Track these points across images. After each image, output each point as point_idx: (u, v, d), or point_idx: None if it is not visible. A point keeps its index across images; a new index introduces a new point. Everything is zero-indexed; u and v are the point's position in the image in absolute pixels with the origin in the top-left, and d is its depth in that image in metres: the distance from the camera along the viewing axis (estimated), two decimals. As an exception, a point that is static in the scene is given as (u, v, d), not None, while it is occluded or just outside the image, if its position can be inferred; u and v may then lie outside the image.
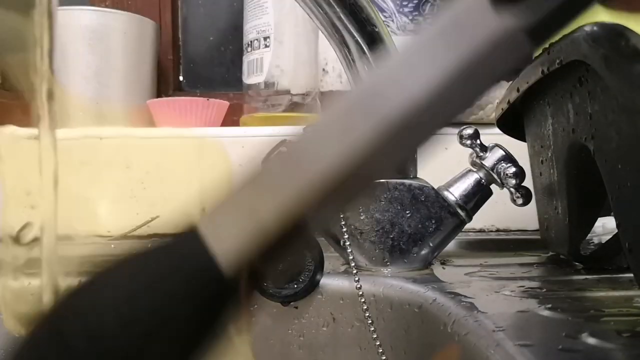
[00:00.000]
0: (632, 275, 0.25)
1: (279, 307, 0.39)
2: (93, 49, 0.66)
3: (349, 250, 0.39)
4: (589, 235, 0.49)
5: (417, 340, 0.35)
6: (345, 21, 0.37)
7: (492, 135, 0.44)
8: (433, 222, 0.39)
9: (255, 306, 0.40)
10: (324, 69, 0.82)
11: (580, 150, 0.30)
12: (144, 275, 0.16)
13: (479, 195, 0.41)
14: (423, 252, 0.40)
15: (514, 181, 0.39)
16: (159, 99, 0.69)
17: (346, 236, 0.39)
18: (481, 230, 0.57)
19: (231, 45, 0.83)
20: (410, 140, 0.16)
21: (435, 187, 0.40)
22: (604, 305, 0.29)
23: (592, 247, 0.44)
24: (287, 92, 0.67)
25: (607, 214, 0.34)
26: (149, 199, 0.57)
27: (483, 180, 0.40)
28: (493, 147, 0.41)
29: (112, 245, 0.50)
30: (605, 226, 0.49)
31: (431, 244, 0.40)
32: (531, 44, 0.15)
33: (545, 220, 0.40)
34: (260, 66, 0.67)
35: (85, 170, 0.57)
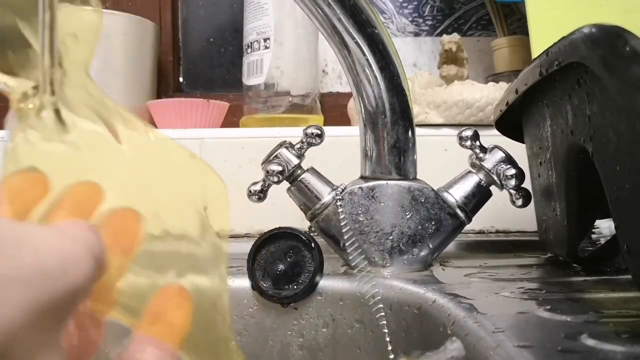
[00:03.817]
0: (630, 276, 0.25)
1: (279, 308, 0.40)
2: (93, 50, 0.66)
3: (349, 252, 0.39)
4: (596, 236, 0.49)
5: (417, 342, 0.35)
6: (345, 22, 0.38)
7: (492, 137, 0.44)
8: (433, 223, 0.40)
9: (255, 307, 0.40)
10: (323, 70, 0.82)
11: (579, 151, 0.30)
12: None
13: (478, 196, 0.41)
14: (423, 253, 0.40)
15: (513, 182, 0.39)
16: (159, 100, 0.69)
17: (346, 237, 0.39)
18: (481, 232, 0.57)
19: (231, 46, 0.83)
20: None
21: (435, 189, 0.40)
22: (603, 306, 0.29)
23: (592, 248, 0.44)
24: (287, 93, 0.67)
25: (606, 216, 0.34)
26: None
27: (483, 182, 0.41)
28: (493, 148, 0.41)
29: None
30: (612, 228, 0.49)
31: (431, 245, 0.40)
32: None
33: (544, 221, 0.40)
34: (260, 67, 0.67)
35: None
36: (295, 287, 0.38)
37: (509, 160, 0.40)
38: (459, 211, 0.40)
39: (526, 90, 0.35)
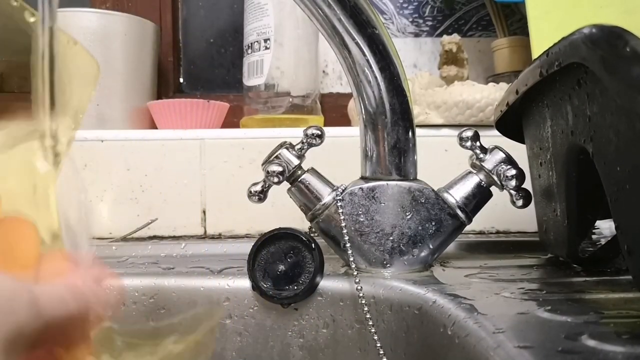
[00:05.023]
0: (630, 277, 0.25)
1: (279, 309, 0.40)
2: (93, 50, 0.66)
3: (349, 252, 0.39)
4: (596, 236, 0.49)
5: (417, 342, 0.35)
6: (346, 23, 0.38)
7: (492, 137, 0.44)
8: (433, 224, 0.40)
9: (256, 307, 0.40)
10: (324, 71, 0.82)
11: (579, 152, 0.30)
12: None
13: (479, 197, 0.41)
14: (423, 253, 0.40)
15: (514, 183, 0.39)
16: (160, 100, 0.69)
17: (346, 238, 0.39)
18: (481, 232, 0.57)
19: (231, 47, 0.83)
20: None
21: (436, 189, 0.40)
22: (603, 307, 0.29)
23: (592, 248, 0.44)
24: (287, 93, 0.67)
25: (606, 217, 0.34)
26: (149, 201, 0.57)
27: (483, 182, 0.41)
28: (493, 149, 0.41)
29: (114, 247, 0.50)
30: (612, 228, 0.49)
31: (431, 246, 0.40)
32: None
33: (544, 222, 0.40)
34: (260, 68, 0.67)
35: (87, 173, 0.57)
36: (295, 287, 0.38)
37: (509, 160, 0.40)
38: (459, 212, 0.40)
39: (526, 90, 0.35)
